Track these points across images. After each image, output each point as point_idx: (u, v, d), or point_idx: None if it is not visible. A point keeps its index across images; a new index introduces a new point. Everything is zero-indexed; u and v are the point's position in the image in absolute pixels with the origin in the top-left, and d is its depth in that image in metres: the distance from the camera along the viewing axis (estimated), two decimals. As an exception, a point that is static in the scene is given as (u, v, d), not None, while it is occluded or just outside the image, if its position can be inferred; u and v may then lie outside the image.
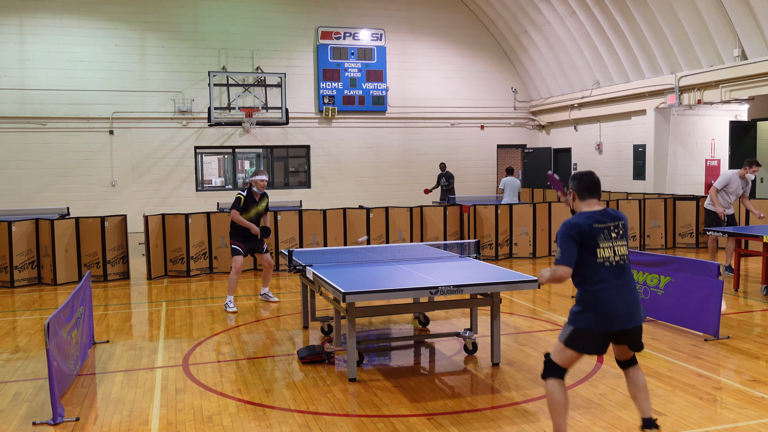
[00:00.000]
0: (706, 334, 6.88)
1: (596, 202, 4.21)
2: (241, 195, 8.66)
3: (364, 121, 20.99)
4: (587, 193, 4.21)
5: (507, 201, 14.78)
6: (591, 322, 4.04)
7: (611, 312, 4.02)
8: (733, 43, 14.40)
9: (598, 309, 4.03)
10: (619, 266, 4.08)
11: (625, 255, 4.13)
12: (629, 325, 4.08)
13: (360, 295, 5.38)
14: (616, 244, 4.09)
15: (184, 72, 19.43)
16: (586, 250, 4.05)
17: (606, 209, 4.18)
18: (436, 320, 7.89)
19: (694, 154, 17.53)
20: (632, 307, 4.08)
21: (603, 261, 4.05)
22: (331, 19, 20.58)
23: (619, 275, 4.07)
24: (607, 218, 4.11)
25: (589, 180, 4.23)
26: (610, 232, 4.08)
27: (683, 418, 4.82)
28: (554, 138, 21.97)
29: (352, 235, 12.12)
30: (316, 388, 5.56)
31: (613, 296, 4.02)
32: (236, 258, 8.71)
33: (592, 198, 4.20)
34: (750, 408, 4.99)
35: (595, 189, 4.22)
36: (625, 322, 4.06)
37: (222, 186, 20.75)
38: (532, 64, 21.40)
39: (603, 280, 4.04)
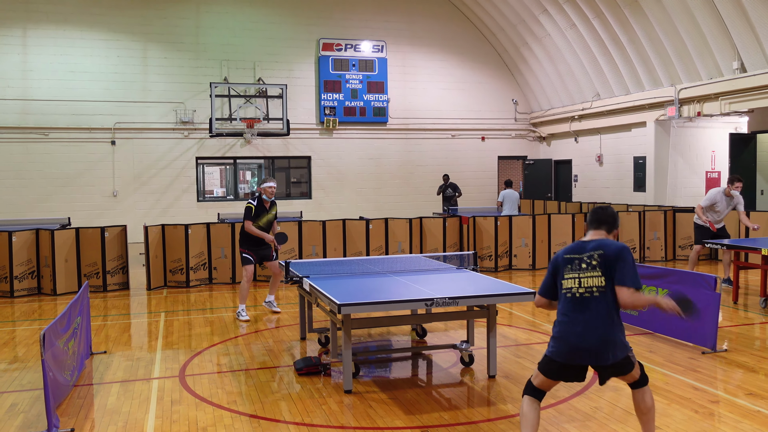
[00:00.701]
0: (704, 347, 6.87)
1: (601, 233, 4.15)
2: (252, 204, 8.67)
3: (365, 133, 21.06)
4: (593, 224, 4.22)
5: (506, 213, 14.80)
6: (554, 351, 4.00)
7: (570, 345, 3.92)
8: (732, 55, 14.45)
9: (559, 340, 3.98)
10: (584, 299, 3.92)
11: (593, 288, 3.92)
12: (588, 362, 3.94)
13: (355, 307, 5.39)
14: (584, 275, 3.94)
15: (185, 83, 19.53)
16: (557, 280, 4.09)
17: (594, 240, 4.07)
18: (434, 332, 7.89)
19: (695, 166, 17.55)
20: (596, 345, 3.87)
21: (566, 291, 4.00)
22: (332, 30, 20.69)
23: (581, 308, 3.92)
24: (584, 249, 4.03)
25: (594, 211, 4.24)
26: (580, 263, 3.98)
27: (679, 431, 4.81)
28: (555, 149, 22.01)
29: (352, 247, 12.13)
30: (312, 400, 5.56)
31: (570, 329, 3.92)
32: (247, 267, 8.74)
33: (592, 229, 4.19)
34: (746, 422, 4.98)
35: (595, 220, 4.19)
36: (586, 359, 3.93)
37: (224, 196, 20.80)
38: (533, 75, 21.48)
39: (563, 311, 4.00)
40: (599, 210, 4.22)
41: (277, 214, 9.09)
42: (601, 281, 3.92)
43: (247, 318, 8.71)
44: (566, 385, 5.82)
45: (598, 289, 3.92)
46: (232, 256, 11.62)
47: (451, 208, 17.65)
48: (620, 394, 5.58)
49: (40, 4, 18.30)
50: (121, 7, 18.95)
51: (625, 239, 13.43)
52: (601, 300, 3.91)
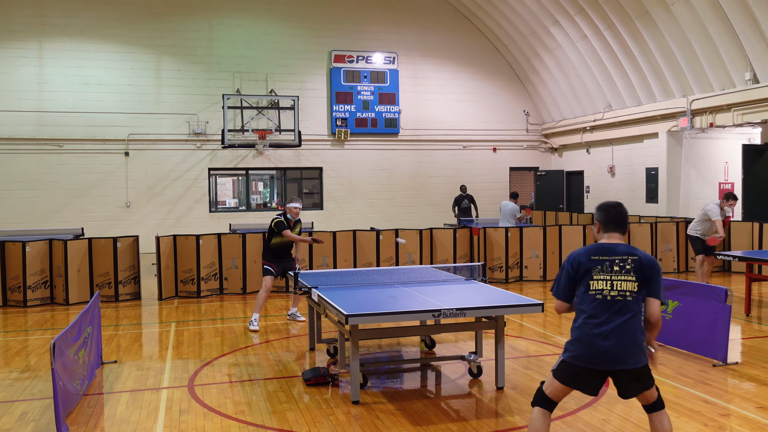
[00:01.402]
0: (715, 359, 6.81)
1: (619, 236, 4.02)
2: (281, 219, 8.84)
3: (376, 144, 21.12)
4: (613, 226, 4.03)
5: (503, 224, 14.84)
6: (575, 356, 3.86)
7: (595, 348, 3.80)
8: (744, 66, 14.39)
9: (582, 342, 3.84)
10: (615, 302, 3.83)
11: (626, 292, 3.83)
12: (615, 367, 3.81)
13: (362, 318, 5.41)
14: (617, 278, 3.85)
15: (198, 95, 19.71)
16: (581, 281, 3.92)
17: (623, 244, 3.97)
18: (443, 343, 7.88)
19: (708, 178, 17.45)
20: (622, 348, 3.78)
21: (595, 293, 3.86)
22: (343, 42, 20.82)
23: (614, 311, 3.82)
24: (615, 252, 3.91)
25: (617, 213, 4.03)
26: (612, 265, 3.87)
27: (687, 444, 4.78)
28: (567, 161, 21.97)
29: (362, 257, 12.15)
30: (319, 411, 5.57)
31: (601, 332, 3.79)
32: (266, 278, 8.85)
33: (616, 232, 4.02)
34: (756, 435, 4.94)
35: (621, 223, 4.02)
36: (610, 362, 3.80)
37: (236, 207, 20.90)
38: (544, 87, 21.48)
39: (590, 313, 3.85)
40: (620, 212, 4.04)
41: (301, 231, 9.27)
42: (634, 286, 3.85)
43: (257, 328, 8.76)
44: (575, 396, 5.79)
45: (630, 294, 3.84)
46: (243, 266, 11.67)
47: (464, 220, 17.65)
48: (631, 407, 5.54)
49: (56, 18, 18.57)
50: (135, 20, 19.18)
51: (636, 251, 13.34)
52: (632, 305, 3.84)
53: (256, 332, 8.66)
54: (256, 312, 8.90)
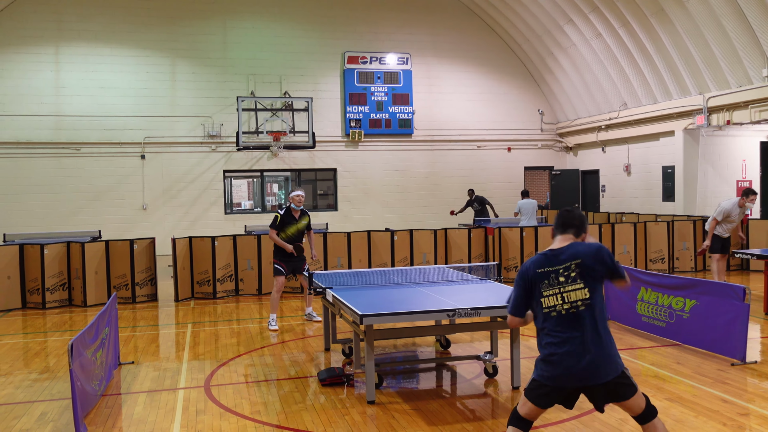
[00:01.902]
0: (733, 358, 6.74)
1: (569, 237, 3.83)
2: (279, 213, 8.83)
3: (390, 144, 21.13)
4: (560, 229, 3.87)
5: (525, 224, 14.74)
6: (544, 376, 3.69)
7: (561, 367, 3.61)
8: (761, 63, 14.23)
9: (550, 363, 3.66)
10: (570, 315, 3.63)
11: (578, 302, 3.62)
12: (585, 383, 3.63)
13: (377, 318, 5.41)
14: (566, 289, 3.64)
15: (213, 97, 19.82)
16: (533, 298, 3.76)
17: (568, 246, 3.76)
18: (459, 343, 7.86)
19: (725, 176, 17.28)
20: (592, 364, 3.58)
21: (549, 311, 3.68)
22: (357, 44, 20.84)
23: (571, 327, 3.63)
24: (558, 260, 3.70)
25: (559, 215, 3.92)
26: (558, 276, 3.66)
27: (705, 444, 4.73)
28: (582, 160, 21.84)
29: (377, 258, 12.16)
30: (335, 411, 5.58)
31: (563, 352, 3.61)
32: (278, 278, 8.86)
33: (564, 234, 3.84)
34: (776, 435, 4.88)
35: (561, 224, 3.86)
36: (582, 379, 3.62)
37: (251, 209, 20.99)
38: (559, 85, 21.38)
39: (550, 331, 3.67)
40: (565, 213, 3.91)
41: (311, 225, 9.17)
42: (585, 293, 3.64)
43: (276, 327, 8.80)
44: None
45: (583, 302, 3.64)
46: (258, 267, 11.72)
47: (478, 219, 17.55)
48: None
49: (72, 23, 18.76)
50: (149, 24, 19.33)
51: (653, 249, 13.26)
52: (588, 314, 3.63)
53: (276, 331, 8.71)
54: (273, 312, 8.94)
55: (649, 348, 7.49)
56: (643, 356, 7.16)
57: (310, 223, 9.12)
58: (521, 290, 3.79)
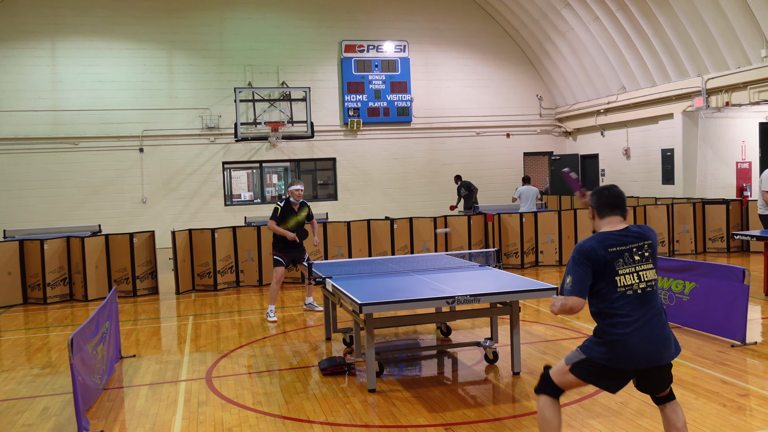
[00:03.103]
0: (733, 340, 6.75)
1: (619, 219, 3.72)
2: (278, 206, 8.87)
3: (389, 133, 21.09)
4: (608, 209, 3.72)
5: (524, 209, 14.74)
6: (605, 357, 3.54)
7: (631, 351, 3.50)
8: (760, 43, 14.16)
9: (615, 346, 3.52)
10: (645, 294, 3.55)
11: (652, 281, 3.58)
12: (652, 364, 3.56)
13: (376, 306, 5.41)
14: (641, 268, 3.57)
15: (211, 89, 19.78)
16: (602, 278, 3.56)
17: (629, 228, 3.68)
18: (460, 330, 7.88)
19: (725, 157, 17.24)
20: (659, 345, 3.53)
21: (624, 290, 3.53)
22: (354, 32, 20.76)
23: (644, 306, 3.54)
24: (630, 239, 3.62)
25: (609, 195, 3.74)
26: (632, 255, 3.57)
27: (705, 425, 4.75)
28: (581, 144, 21.79)
29: (377, 247, 12.17)
30: (336, 400, 5.60)
31: (636, 332, 3.49)
32: (277, 269, 8.88)
33: (613, 215, 3.72)
34: (776, 415, 4.89)
35: (617, 205, 3.72)
36: (647, 361, 3.54)
37: (251, 200, 20.99)
38: (557, 70, 21.29)
39: (624, 312, 3.52)
40: (614, 193, 3.75)
41: (312, 215, 9.18)
42: (655, 273, 3.63)
43: (275, 319, 8.83)
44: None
45: (655, 281, 3.61)
46: (258, 259, 11.73)
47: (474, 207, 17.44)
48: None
49: (68, 17, 18.69)
50: (146, 17, 19.26)
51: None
52: (657, 294, 3.63)
53: (274, 323, 8.73)
54: (272, 304, 8.96)
55: (649, 331, 7.49)
56: (644, 340, 7.16)
57: (311, 213, 9.14)
58: (586, 270, 3.55)
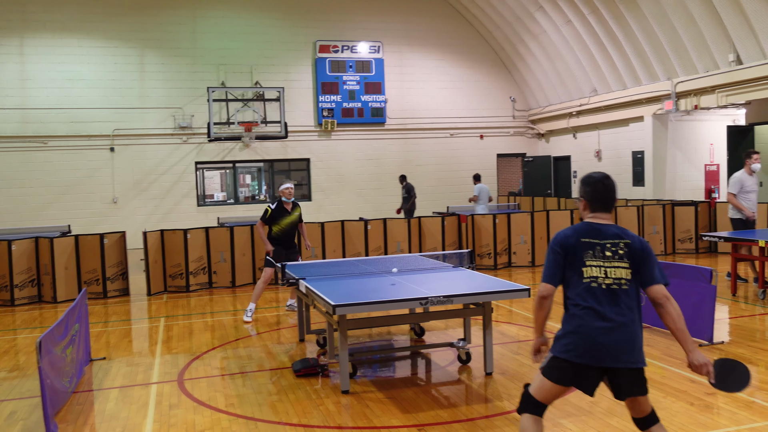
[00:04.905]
0: (701, 339, 6.87)
1: (606, 216, 3.69)
2: (270, 207, 8.84)
3: (363, 133, 21.08)
4: (600, 204, 3.69)
5: (482, 209, 14.98)
6: (569, 350, 3.48)
7: (592, 341, 3.44)
8: (728, 48, 14.44)
9: (579, 335, 3.48)
10: (611, 291, 3.50)
11: (622, 279, 3.51)
12: (616, 364, 3.44)
13: (349, 308, 5.41)
14: (610, 264, 3.52)
15: (183, 88, 19.58)
16: (571, 266, 3.57)
17: (611, 225, 3.65)
18: (433, 331, 7.90)
19: (693, 160, 17.54)
20: (622, 342, 3.44)
21: (590, 281, 3.51)
22: (328, 32, 20.72)
23: (609, 302, 3.48)
24: (605, 234, 3.59)
25: (604, 189, 3.69)
26: (603, 250, 3.54)
27: (673, 424, 4.83)
28: (554, 146, 22.01)
29: (351, 248, 12.16)
30: (309, 401, 5.59)
31: (601, 324, 3.45)
32: (266, 269, 8.87)
33: (603, 212, 3.69)
34: (742, 413, 5.00)
35: (609, 200, 3.69)
36: (610, 358, 3.44)
37: (224, 201, 20.84)
38: (530, 72, 21.48)
39: (586, 304, 3.49)
40: (608, 187, 3.70)
41: (302, 216, 9.18)
42: (628, 274, 3.52)
43: (250, 319, 8.76)
44: (563, 380, 5.82)
45: (626, 282, 3.52)
46: (231, 260, 11.64)
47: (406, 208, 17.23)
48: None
49: (37, 14, 18.37)
50: (117, 15, 19.01)
51: (624, 234, 13.42)
52: (630, 294, 3.52)
53: (249, 323, 8.66)
54: (252, 302, 8.93)
55: (619, 331, 7.59)
56: (614, 339, 7.26)
57: (301, 214, 9.15)
58: (559, 257, 3.58)
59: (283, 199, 8.91)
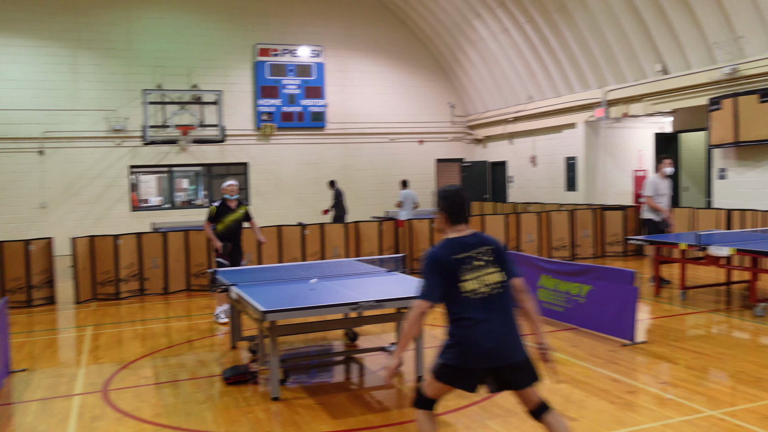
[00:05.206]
0: (624, 339, 7.11)
1: (465, 226, 3.89)
2: (213, 206, 8.86)
3: (303, 138, 20.99)
4: (460, 217, 3.87)
5: (406, 214, 15.17)
6: (457, 358, 3.71)
7: (477, 348, 3.67)
8: (655, 58, 14.98)
9: (463, 346, 3.70)
10: (490, 297, 3.73)
11: (496, 283, 3.75)
12: (499, 363, 3.71)
13: (279, 314, 5.38)
14: (484, 272, 3.74)
15: (117, 90, 19.08)
16: (450, 283, 3.73)
17: (474, 234, 3.87)
18: (368, 335, 7.92)
19: (623, 166, 18.10)
20: (504, 342, 3.72)
21: (469, 294, 3.71)
22: (269, 36, 20.56)
23: (488, 308, 3.72)
24: (471, 246, 3.79)
25: (461, 201, 3.88)
26: (475, 260, 3.75)
27: (594, 422, 4.97)
28: (491, 151, 22.39)
29: (288, 253, 12.08)
30: (238, 409, 5.52)
31: (481, 331, 3.68)
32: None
33: (463, 223, 3.88)
34: (659, 410, 5.19)
35: (464, 210, 3.88)
36: (494, 358, 3.70)
37: (159, 205, 20.38)
38: (468, 79, 21.81)
39: (468, 316, 3.70)
40: (464, 198, 3.90)
41: (250, 216, 9.16)
42: (501, 276, 3.79)
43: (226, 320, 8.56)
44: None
45: (501, 285, 3.78)
46: (164, 266, 11.40)
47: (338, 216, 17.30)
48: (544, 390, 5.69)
49: (-40, 10, 17.63)
50: (48, 13, 18.38)
51: (556, 237, 13.78)
52: (504, 296, 3.78)
53: (225, 324, 8.56)
54: (218, 305, 8.90)
55: (548, 332, 7.77)
56: (543, 341, 7.44)
57: (249, 212, 9.15)
58: (437, 276, 3.74)
59: (225, 196, 8.93)
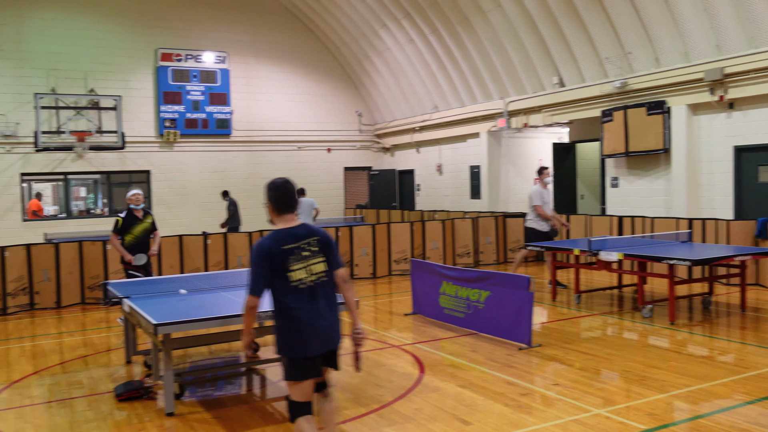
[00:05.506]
0: (520, 343, 7.34)
1: (293, 217, 4.07)
2: (119, 217, 8.63)
3: (208, 145, 20.54)
4: (286, 206, 4.05)
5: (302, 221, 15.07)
6: (290, 350, 3.93)
7: (313, 335, 3.91)
8: (552, 71, 15.62)
9: (298, 333, 3.89)
10: (315, 286, 3.95)
11: (321, 273, 3.99)
12: (328, 347, 4.01)
13: (172, 326, 5.23)
14: (311, 262, 3.95)
15: (7, 93, 18.03)
16: (278, 274, 3.88)
17: (302, 225, 4.05)
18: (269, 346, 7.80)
19: (524, 174, 18.75)
20: (332, 328, 4.01)
21: (297, 284, 3.90)
22: (171, 40, 20.02)
23: (315, 296, 3.95)
24: (299, 236, 3.97)
25: (286, 192, 4.06)
26: (302, 251, 3.94)
27: (488, 425, 5.10)
28: (398, 160, 22.66)
29: (189, 263, 11.77)
30: (130, 427, 5.32)
31: (312, 319, 3.90)
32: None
33: (290, 213, 4.06)
34: (550, 410, 5.38)
35: (293, 201, 4.07)
36: (324, 344, 3.97)
37: (55, 215, 19.39)
38: (375, 88, 22.01)
39: (296, 306, 3.89)
40: (290, 190, 4.08)
41: (156, 226, 8.97)
42: (325, 266, 4.02)
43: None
44: (389, 388, 5.99)
45: (325, 274, 4.02)
46: (57, 278, 10.85)
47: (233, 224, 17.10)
48: (442, 395, 5.82)
49: None
50: (-74, 10, 17.20)
51: (460, 245, 14.09)
52: (328, 284, 4.03)
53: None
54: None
55: (449, 338, 7.94)
56: (443, 347, 7.58)
57: (154, 222, 8.95)
58: (264, 269, 3.87)
59: (131, 206, 8.74)
